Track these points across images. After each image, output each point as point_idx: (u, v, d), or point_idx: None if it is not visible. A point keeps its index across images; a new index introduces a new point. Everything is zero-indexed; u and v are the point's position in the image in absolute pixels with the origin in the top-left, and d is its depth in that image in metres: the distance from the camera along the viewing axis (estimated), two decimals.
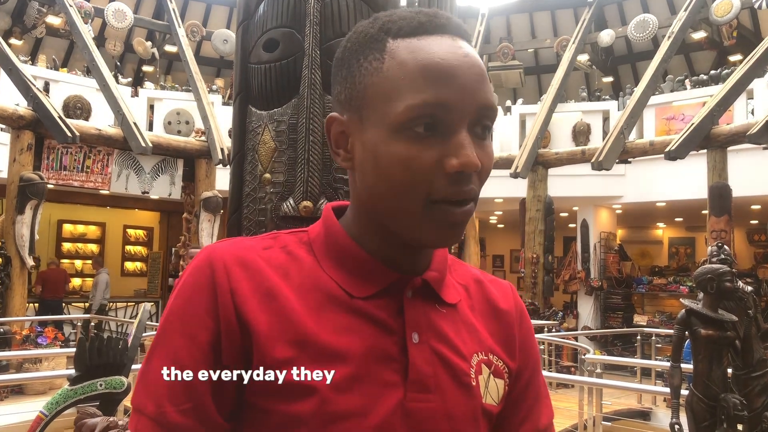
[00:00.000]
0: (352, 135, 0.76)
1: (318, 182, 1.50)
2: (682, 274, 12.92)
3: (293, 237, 0.80)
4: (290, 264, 0.76)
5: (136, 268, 15.40)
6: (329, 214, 0.81)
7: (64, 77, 12.22)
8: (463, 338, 0.80)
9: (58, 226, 14.31)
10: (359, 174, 0.75)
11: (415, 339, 0.75)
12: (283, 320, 0.71)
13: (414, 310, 0.77)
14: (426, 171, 0.70)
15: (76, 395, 2.33)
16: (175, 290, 0.75)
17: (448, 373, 0.76)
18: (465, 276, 0.87)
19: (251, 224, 1.55)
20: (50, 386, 7.80)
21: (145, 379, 0.72)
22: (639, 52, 16.02)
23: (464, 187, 0.71)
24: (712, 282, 2.97)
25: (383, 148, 0.71)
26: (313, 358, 0.70)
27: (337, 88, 0.77)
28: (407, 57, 0.71)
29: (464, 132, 0.70)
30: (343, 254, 0.78)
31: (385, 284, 0.76)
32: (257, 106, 1.61)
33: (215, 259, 0.73)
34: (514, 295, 0.91)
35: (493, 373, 0.81)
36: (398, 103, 0.69)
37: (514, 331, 0.87)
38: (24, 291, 8.74)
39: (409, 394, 0.73)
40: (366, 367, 0.71)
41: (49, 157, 9.48)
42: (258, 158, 1.56)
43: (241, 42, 1.67)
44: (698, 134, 8.89)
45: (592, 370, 6.56)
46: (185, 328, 0.71)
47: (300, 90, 1.53)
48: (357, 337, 0.73)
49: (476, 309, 0.85)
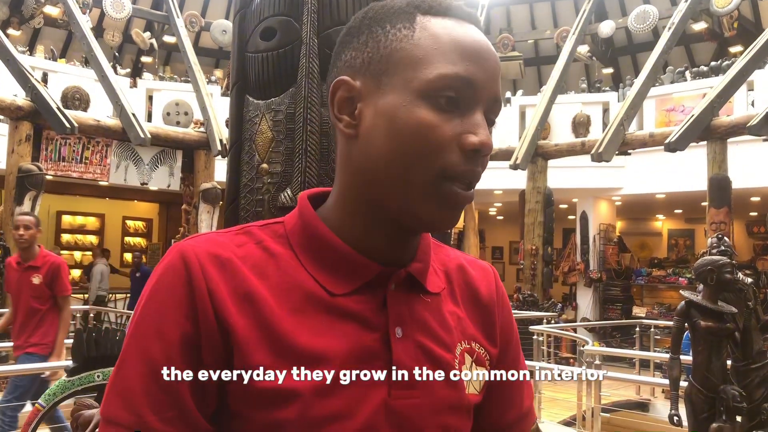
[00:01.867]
0: (363, 100, 0.72)
1: (316, 172, 1.48)
2: (682, 265, 12.93)
3: (268, 230, 0.76)
4: (267, 262, 0.73)
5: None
6: (305, 203, 0.78)
7: (62, 68, 12.19)
8: (447, 328, 0.78)
9: (57, 217, 14.30)
10: (363, 143, 0.72)
11: (399, 334, 0.73)
12: (262, 325, 0.68)
13: (397, 304, 0.74)
14: (444, 142, 0.68)
15: (73, 386, 2.33)
16: (147, 292, 0.70)
17: (433, 366, 0.74)
18: (446, 261, 0.85)
19: (248, 215, 1.54)
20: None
21: (117, 387, 0.67)
22: (639, 43, 15.97)
23: (476, 167, 0.71)
24: (711, 273, 2.96)
25: (404, 113, 0.69)
26: (294, 362, 0.68)
27: (351, 53, 0.74)
28: (440, 31, 0.71)
29: (481, 114, 0.71)
30: (321, 247, 0.74)
31: (367, 278, 0.73)
32: (254, 96, 1.59)
33: (189, 257, 0.69)
34: (495, 278, 0.89)
35: (475, 362, 0.80)
36: (429, 69, 0.69)
37: (495, 317, 0.85)
38: None
39: (394, 392, 0.71)
40: (349, 367, 0.69)
41: (47, 148, 9.46)
42: (255, 148, 1.54)
43: (238, 31, 1.65)
44: (698, 126, 8.87)
45: (591, 362, 6.57)
46: (161, 333, 0.67)
47: (297, 79, 1.52)
48: (338, 337, 0.70)
49: (457, 295, 0.83)
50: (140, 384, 0.66)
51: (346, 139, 0.75)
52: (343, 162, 0.76)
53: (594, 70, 16.32)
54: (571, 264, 12.59)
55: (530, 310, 10.37)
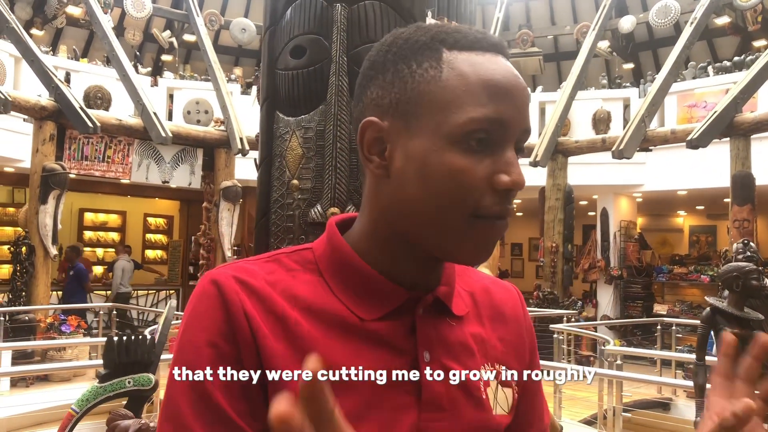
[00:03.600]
0: (392, 142, 0.73)
1: (345, 189, 1.49)
2: (704, 263, 12.79)
3: (297, 257, 0.78)
4: (297, 288, 0.74)
5: (156, 256, 15.52)
6: (334, 230, 0.79)
7: (84, 67, 12.31)
8: (472, 350, 0.79)
9: (79, 214, 14.45)
10: (395, 183, 0.73)
11: (427, 358, 0.74)
12: (294, 348, 0.69)
13: (425, 328, 0.75)
14: (477, 185, 0.69)
15: (105, 392, 2.37)
16: (184, 320, 0.72)
17: (460, 389, 0.76)
18: (471, 283, 0.86)
19: (279, 230, 1.56)
20: (74, 373, 7.93)
21: (168, 414, 0.70)
22: (660, 38, 15.79)
23: (508, 204, 0.72)
24: (737, 280, 2.93)
25: (435, 158, 0.69)
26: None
27: (377, 91, 0.74)
28: (468, 69, 0.70)
29: (512, 150, 0.71)
30: (350, 273, 0.76)
31: (396, 304, 0.75)
32: (285, 112, 1.60)
33: (222, 282, 0.71)
34: (520, 299, 0.91)
35: (501, 384, 0.81)
36: (459, 114, 0.69)
37: (522, 338, 0.87)
38: (48, 280, 8.85)
39: (423, 415, 0.72)
40: (379, 392, 0.70)
41: (70, 147, 9.57)
42: (286, 164, 1.56)
43: (267, 47, 1.66)
44: (721, 122, 8.77)
45: (612, 362, 6.53)
46: (203, 358, 0.68)
47: (327, 97, 1.53)
48: (369, 362, 0.71)
49: (483, 317, 0.84)
50: (185, 400, 0.68)
51: (375, 178, 0.75)
52: (372, 198, 0.76)
53: (614, 66, 16.18)
54: (592, 261, 12.51)
55: (550, 307, 10.33)
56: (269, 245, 1.61)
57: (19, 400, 6.71)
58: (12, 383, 7.29)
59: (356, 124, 0.77)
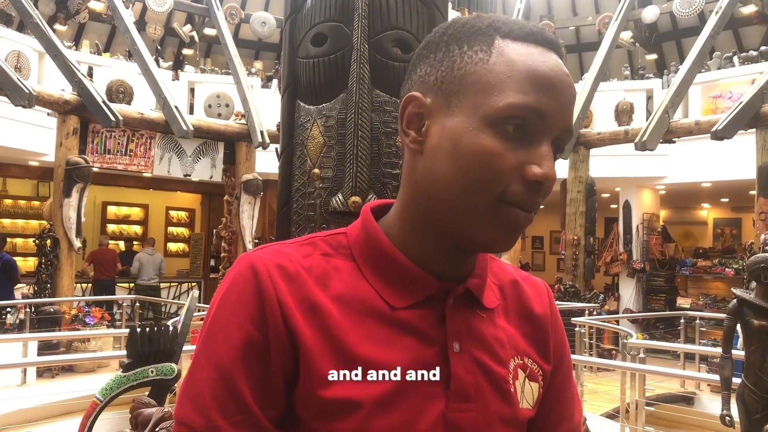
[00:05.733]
0: (431, 118, 0.73)
1: (367, 177, 1.48)
2: (728, 255, 12.62)
3: (332, 241, 0.79)
4: (331, 273, 0.75)
5: (178, 249, 15.68)
6: (368, 216, 0.80)
7: (106, 62, 12.42)
8: (501, 343, 0.80)
9: (102, 208, 14.62)
10: (428, 160, 0.73)
11: (456, 348, 0.74)
12: (327, 335, 0.70)
13: (455, 318, 0.76)
14: (506, 171, 0.69)
15: (128, 381, 2.40)
16: (217, 299, 0.72)
17: (488, 380, 0.76)
18: (500, 276, 0.87)
19: (300, 218, 1.56)
20: (98, 364, 8.03)
21: (189, 391, 0.70)
22: (684, 28, 15.56)
23: (536, 197, 0.71)
24: (765, 271, 2.88)
25: (469, 138, 0.69)
26: (355, 373, 0.70)
27: (426, 69, 0.75)
28: (516, 58, 0.70)
29: (548, 145, 0.71)
30: (383, 260, 0.76)
31: (427, 294, 0.75)
32: (306, 101, 1.60)
33: (259, 268, 0.71)
34: (549, 296, 0.91)
35: (528, 377, 0.81)
36: (499, 97, 0.69)
37: (548, 335, 0.87)
38: (72, 272, 8.95)
39: (451, 405, 0.73)
40: (408, 381, 0.71)
41: (93, 141, 9.66)
42: (307, 153, 1.55)
43: (288, 36, 1.65)
44: (747, 113, 8.62)
45: (635, 355, 6.48)
46: (230, 340, 0.69)
47: (348, 84, 1.52)
48: (398, 349, 0.72)
49: (511, 311, 0.84)
50: (210, 388, 0.69)
51: (411, 154, 0.76)
52: (408, 176, 0.77)
53: (637, 57, 15.98)
54: (614, 254, 12.41)
55: (572, 301, 10.26)
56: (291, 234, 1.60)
57: (45, 389, 6.83)
58: (38, 373, 7.40)
59: (400, 103, 0.78)
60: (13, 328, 8.19)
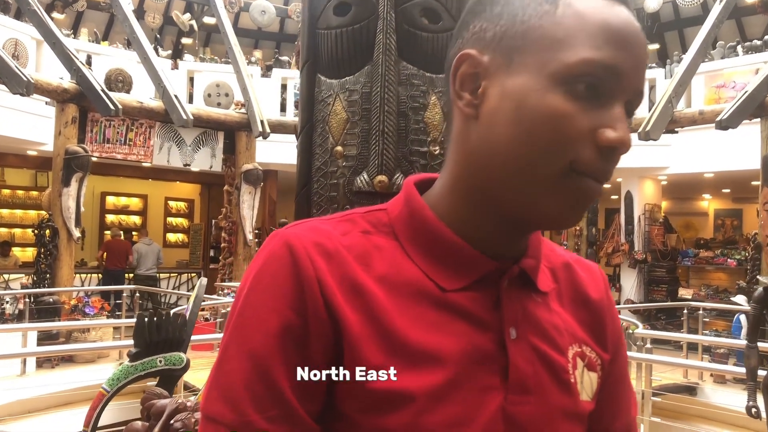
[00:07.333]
0: (488, 78, 0.65)
1: (393, 155, 1.40)
2: (730, 246, 12.61)
3: (372, 218, 0.71)
4: (372, 252, 0.67)
5: (178, 239, 15.64)
6: (412, 190, 0.72)
7: (105, 50, 12.32)
8: (559, 330, 0.72)
9: (101, 198, 14.56)
10: (485, 125, 0.65)
11: (513, 335, 0.67)
12: (373, 319, 0.63)
13: (511, 302, 0.68)
14: (578, 135, 0.61)
15: (136, 371, 2.33)
16: (248, 281, 0.65)
17: (548, 370, 0.69)
18: (552, 258, 0.79)
19: (322, 200, 1.47)
20: (98, 354, 7.99)
21: (218, 382, 0.63)
22: (687, 17, 15.45)
23: (610, 166, 0.64)
24: None
25: (535, 98, 0.62)
26: (406, 362, 0.62)
27: (481, 24, 0.67)
28: (586, 10, 0.63)
29: (621, 107, 0.63)
30: (431, 239, 0.69)
31: (480, 274, 0.68)
32: (327, 75, 1.51)
33: (295, 245, 0.64)
34: (604, 280, 0.84)
35: (587, 367, 0.74)
36: (570, 53, 0.61)
37: (605, 322, 0.80)
38: (71, 262, 8.90)
39: (510, 397, 0.65)
40: (463, 370, 0.64)
41: (92, 130, 9.56)
42: (329, 130, 1.46)
43: (308, 6, 1.56)
44: (752, 102, 8.55)
45: (642, 345, 6.43)
46: (265, 325, 0.62)
47: (374, 56, 1.42)
48: (451, 336, 0.64)
49: (564, 296, 0.77)
50: (242, 379, 0.61)
51: (464, 119, 0.68)
52: (458, 144, 0.69)
53: None
54: (616, 245, 12.37)
55: None
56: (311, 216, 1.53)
57: (45, 380, 6.80)
58: (38, 364, 7.37)
59: (450, 62, 0.69)
60: (12, 318, 8.14)
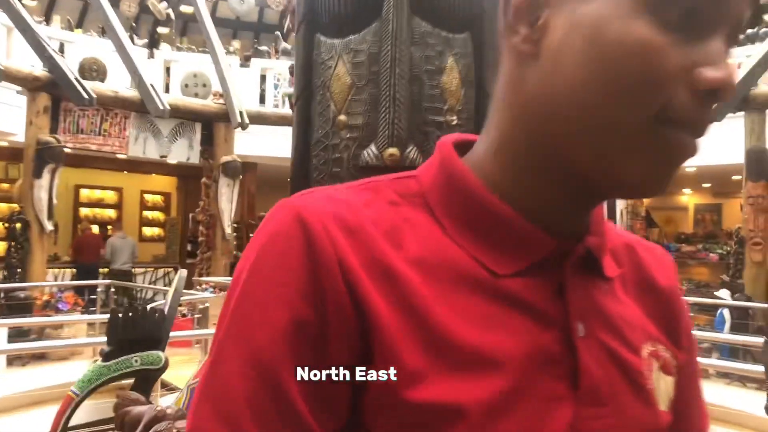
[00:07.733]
0: (552, 6, 0.50)
1: (406, 125, 1.22)
2: (711, 241, 12.69)
3: (399, 186, 0.56)
4: (403, 228, 0.52)
5: (154, 233, 15.38)
6: (449, 151, 0.57)
7: (79, 38, 12.02)
8: (631, 324, 0.57)
9: (75, 191, 14.24)
10: (548, 64, 0.50)
11: (581, 331, 0.52)
12: (408, 313, 0.48)
13: (576, 290, 0.54)
14: (671, 74, 0.46)
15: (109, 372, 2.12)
16: (248, 265, 0.50)
17: (623, 375, 0.54)
18: (611, 239, 0.62)
19: (323, 176, 1.29)
20: (72, 352, 7.77)
21: (210, 390, 0.48)
22: None
23: (708, 115, 0.48)
24: None
25: (617, 27, 0.46)
26: (454, 367, 0.47)
27: None
28: None
29: (722, 41, 0.48)
30: (475, 211, 0.54)
31: (540, 256, 0.53)
32: (328, 34, 1.32)
33: (309, 218, 0.48)
34: (672, 265, 0.68)
35: (662, 369, 0.59)
36: None
37: (677, 312, 0.64)
38: (43, 256, 8.66)
39: (582, 410, 0.50)
40: (525, 376, 0.49)
41: (65, 120, 9.28)
42: (331, 97, 1.28)
43: None
44: (736, 96, 8.55)
45: None
46: (270, 319, 0.47)
47: (383, 12, 1.26)
48: (508, 332, 0.50)
49: (629, 284, 0.61)
50: (242, 390, 0.46)
51: (518, 60, 0.52)
52: (511, 93, 0.53)
53: None
54: None
55: None
56: None
57: (15, 378, 6.58)
58: (8, 362, 7.15)
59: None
60: None
